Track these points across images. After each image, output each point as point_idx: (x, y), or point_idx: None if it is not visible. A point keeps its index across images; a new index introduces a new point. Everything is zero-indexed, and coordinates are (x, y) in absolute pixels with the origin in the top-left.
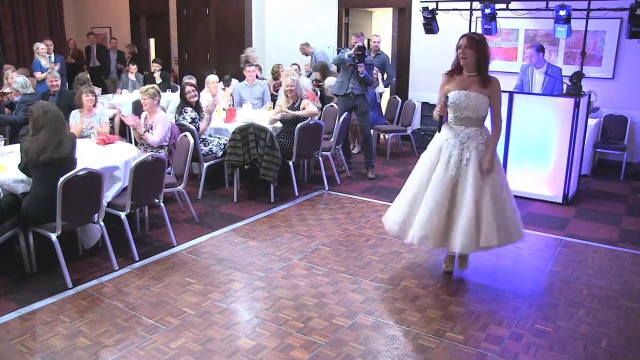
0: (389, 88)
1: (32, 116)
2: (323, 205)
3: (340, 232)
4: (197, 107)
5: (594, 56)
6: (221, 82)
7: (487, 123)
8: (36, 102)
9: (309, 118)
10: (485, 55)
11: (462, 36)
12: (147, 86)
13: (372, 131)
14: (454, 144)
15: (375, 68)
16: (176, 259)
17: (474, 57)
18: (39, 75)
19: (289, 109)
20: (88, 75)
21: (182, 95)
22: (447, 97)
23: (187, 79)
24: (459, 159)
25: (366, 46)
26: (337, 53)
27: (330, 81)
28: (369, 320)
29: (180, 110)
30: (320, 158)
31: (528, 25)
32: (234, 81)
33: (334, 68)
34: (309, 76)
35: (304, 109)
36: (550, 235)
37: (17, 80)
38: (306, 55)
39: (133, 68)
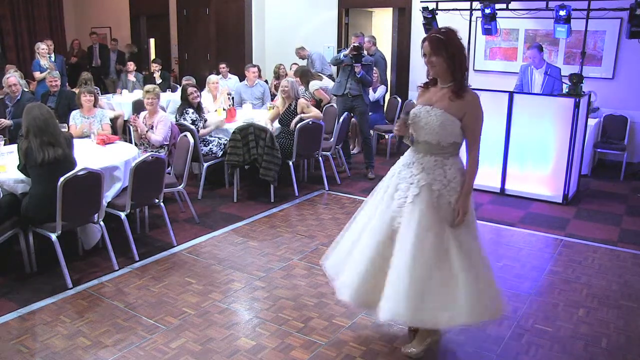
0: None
1: (24, 118)
2: (323, 205)
3: (340, 232)
4: (198, 108)
5: (594, 56)
6: (220, 75)
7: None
8: (29, 104)
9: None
10: (459, 57)
11: (424, 39)
12: (151, 86)
13: (372, 131)
14: (404, 174)
15: (374, 69)
16: (176, 259)
17: (444, 65)
18: (38, 75)
19: (286, 110)
20: (90, 75)
21: (185, 97)
22: (407, 114)
23: (186, 80)
24: (405, 195)
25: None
26: (337, 53)
27: (314, 85)
28: (369, 320)
29: (181, 111)
30: (320, 158)
31: (528, 25)
32: (234, 79)
33: (331, 69)
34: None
35: (302, 111)
36: (550, 235)
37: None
38: (302, 58)
39: (130, 64)
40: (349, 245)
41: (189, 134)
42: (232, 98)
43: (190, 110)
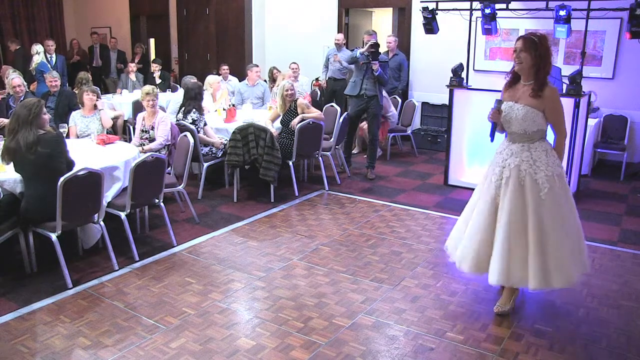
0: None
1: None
2: (323, 205)
3: (340, 232)
4: (199, 108)
5: (594, 56)
6: (221, 76)
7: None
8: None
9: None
10: (546, 60)
11: (518, 38)
12: (149, 87)
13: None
14: (497, 160)
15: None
16: (176, 259)
17: (530, 62)
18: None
19: (287, 111)
20: (88, 75)
21: (193, 96)
22: (499, 102)
23: (192, 79)
24: (500, 177)
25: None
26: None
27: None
28: (369, 320)
29: (187, 110)
30: (320, 158)
31: (528, 25)
32: (234, 80)
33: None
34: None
35: (302, 111)
36: None
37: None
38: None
39: (132, 66)
40: (462, 226)
41: (189, 134)
42: (232, 97)
43: (193, 110)
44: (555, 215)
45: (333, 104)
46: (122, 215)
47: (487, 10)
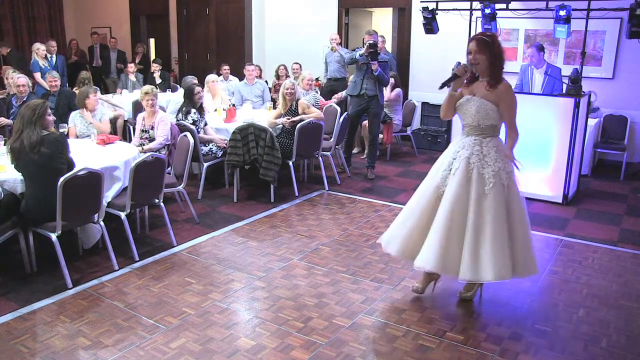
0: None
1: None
2: (323, 205)
3: (340, 232)
4: (200, 108)
5: (594, 56)
6: (221, 76)
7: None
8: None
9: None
10: (499, 57)
11: (471, 39)
12: (149, 87)
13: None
14: (449, 152)
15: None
16: (176, 259)
17: (486, 62)
18: (37, 76)
19: (288, 111)
20: (89, 74)
21: (190, 96)
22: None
23: (193, 79)
24: (448, 168)
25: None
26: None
27: None
28: (369, 320)
29: (186, 111)
30: (320, 158)
31: (528, 25)
32: (234, 80)
33: (347, 71)
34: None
35: (303, 111)
36: (550, 235)
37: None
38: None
39: (132, 66)
40: (403, 214)
41: (189, 134)
42: (233, 96)
43: (193, 110)
44: (496, 211)
45: (333, 104)
46: (122, 215)
47: (487, 10)
